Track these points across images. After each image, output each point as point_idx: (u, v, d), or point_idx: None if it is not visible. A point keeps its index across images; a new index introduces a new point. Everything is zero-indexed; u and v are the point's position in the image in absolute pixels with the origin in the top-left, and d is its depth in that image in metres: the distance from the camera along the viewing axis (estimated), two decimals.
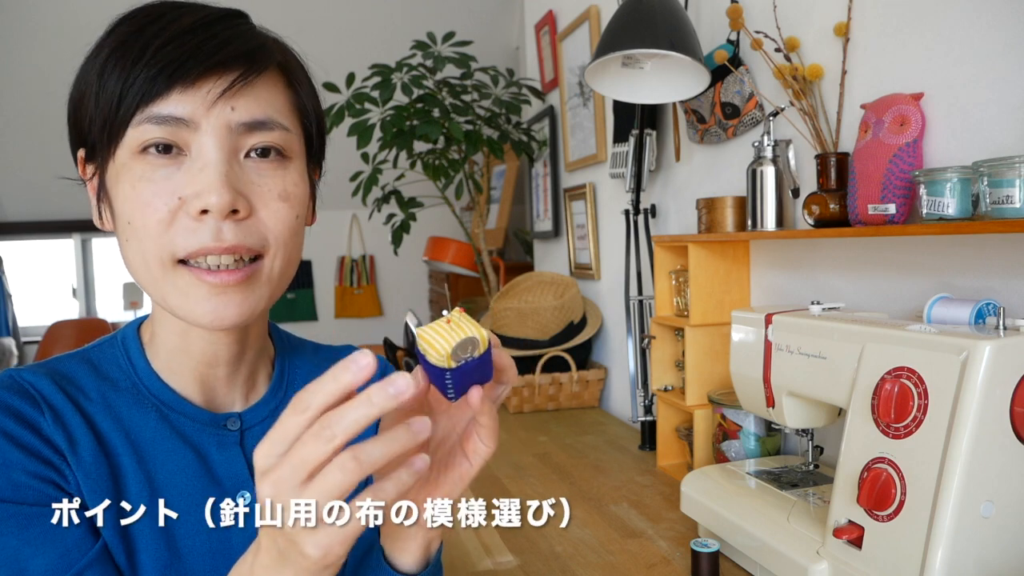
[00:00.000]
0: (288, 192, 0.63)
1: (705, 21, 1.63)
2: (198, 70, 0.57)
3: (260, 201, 0.61)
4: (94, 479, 0.61)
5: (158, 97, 0.57)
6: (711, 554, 1.03)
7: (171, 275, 0.60)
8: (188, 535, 0.65)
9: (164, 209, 0.58)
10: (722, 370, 1.49)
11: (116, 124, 0.58)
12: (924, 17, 1.08)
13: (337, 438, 0.45)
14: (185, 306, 0.61)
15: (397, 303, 5.04)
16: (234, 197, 0.58)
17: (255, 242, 0.61)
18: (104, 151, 0.60)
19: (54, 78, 3.80)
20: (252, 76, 0.60)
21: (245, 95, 0.60)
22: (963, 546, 0.76)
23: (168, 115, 0.57)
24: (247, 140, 0.60)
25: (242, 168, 0.60)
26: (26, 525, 0.57)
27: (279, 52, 0.65)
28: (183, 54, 0.57)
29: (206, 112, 0.58)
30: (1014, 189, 0.85)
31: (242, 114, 0.60)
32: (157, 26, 0.59)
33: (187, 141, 0.59)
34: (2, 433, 0.58)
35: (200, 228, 0.58)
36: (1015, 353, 0.77)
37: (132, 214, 0.59)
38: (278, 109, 0.62)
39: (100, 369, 0.67)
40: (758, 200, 1.33)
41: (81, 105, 0.61)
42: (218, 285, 0.60)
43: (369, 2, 3.95)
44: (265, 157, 0.62)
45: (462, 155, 2.50)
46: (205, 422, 0.68)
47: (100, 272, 4.98)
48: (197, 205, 0.58)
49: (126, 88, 0.57)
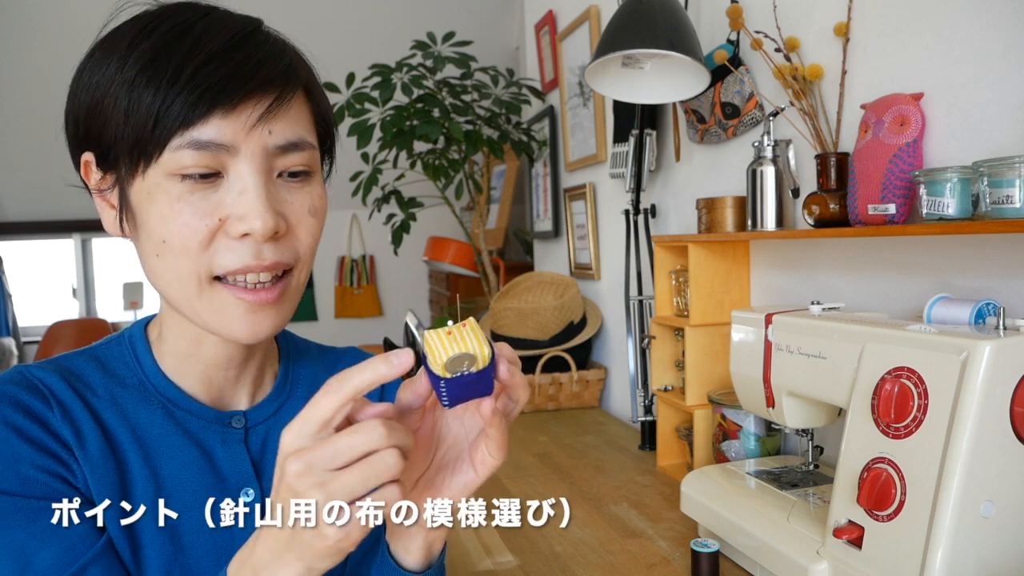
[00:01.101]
0: (316, 207, 0.64)
1: (705, 21, 1.63)
2: (238, 94, 0.57)
3: (294, 218, 0.63)
4: (101, 474, 0.62)
5: (198, 121, 0.57)
6: (711, 554, 1.03)
7: (208, 292, 0.61)
8: (192, 531, 0.66)
9: (205, 230, 0.59)
10: (722, 370, 1.49)
11: (151, 145, 0.57)
12: (924, 17, 1.08)
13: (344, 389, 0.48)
14: (221, 322, 0.62)
15: (397, 303, 5.04)
16: (276, 221, 0.59)
17: (290, 257, 0.63)
18: (131, 166, 0.59)
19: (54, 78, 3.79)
20: (288, 98, 0.61)
21: (280, 118, 0.60)
22: (963, 546, 0.76)
23: (209, 141, 0.57)
24: (281, 161, 0.61)
25: (275, 187, 0.61)
26: (33, 519, 0.58)
27: (302, 67, 0.65)
28: (222, 77, 0.57)
29: (245, 137, 0.58)
30: (1014, 189, 0.85)
31: (278, 138, 0.60)
32: (187, 42, 0.58)
33: (225, 164, 0.59)
34: (11, 427, 0.59)
35: (240, 248, 0.59)
36: (1015, 353, 0.77)
37: (169, 234, 0.59)
38: (306, 127, 0.63)
39: (107, 366, 0.68)
40: (758, 200, 1.33)
41: (99, 114, 0.59)
42: (256, 303, 0.61)
43: (369, 2, 3.95)
44: (295, 177, 0.63)
45: (462, 155, 2.50)
46: (210, 420, 0.69)
47: (100, 272, 4.98)
48: (240, 228, 0.58)
49: (163, 110, 0.56)
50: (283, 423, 0.72)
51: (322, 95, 0.68)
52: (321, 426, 0.49)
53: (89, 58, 0.61)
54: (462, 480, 0.58)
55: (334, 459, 0.48)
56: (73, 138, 0.63)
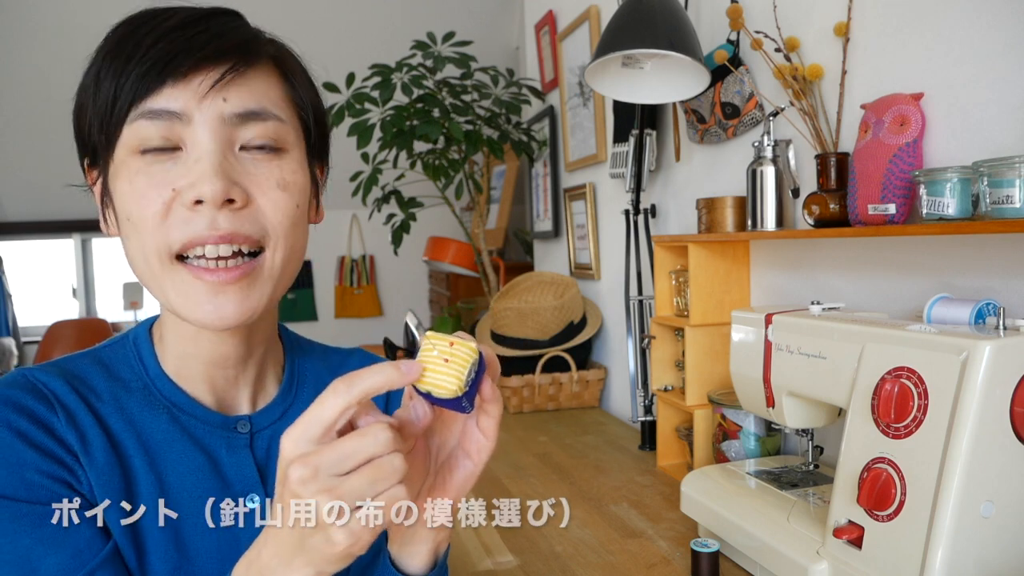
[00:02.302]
0: (287, 180, 0.62)
1: (705, 21, 1.63)
2: (189, 63, 0.58)
3: (258, 190, 0.61)
4: (106, 479, 0.62)
5: (150, 93, 0.58)
6: (711, 554, 1.03)
7: (170, 272, 0.60)
8: (197, 536, 0.65)
9: (159, 201, 0.58)
10: (722, 370, 1.49)
11: (112, 123, 0.59)
12: (924, 17, 1.08)
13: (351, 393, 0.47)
14: (186, 305, 0.61)
15: (397, 303, 5.04)
16: (228, 186, 0.58)
17: (253, 231, 0.60)
18: (104, 153, 0.60)
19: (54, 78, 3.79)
20: (243, 67, 0.60)
21: (237, 86, 0.60)
22: (963, 546, 0.76)
23: (161, 109, 0.58)
24: (241, 132, 0.60)
25: (238, 159, 0.60)
26: (39, 524, 0.57)
27: (272, 46, 0.65)
28: (174, 49, 0.58)
29: (198, 104, 0.58)
30: (1014, 189, 0.85)
31: (235, 105, 0.60)
32: (149, 26, 0.59)
33: (182, 136, 0.59)
34: (16, 432, 0.58)
35: (194, 218, 0.58)
36: (1015, 353, 0.77)
37: (130, 209, 0.59)
38: (272, 100, 0.62)
39: (112, 369, 0.67)
40: (758, 200, 1.33)
41: (82, 113, 0.61)
42: (217, 283, 0.60)
43: (369, 2, 3.95)
44: (261, 150, 0.62)
45: (462, 155, 2.50)
46: (216, 424, 0.68)
47: (100, 272, 4.98)
48: (191, 195, 0.58)
49: (120, 87, 0.58)
50: (289, 426, 0.72)
51: (302, 82, 0.67)
52: (325, 429, 0.47)
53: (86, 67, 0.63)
54: (462, 474, 0.57)
55: (341, 464, 0.46)
56: (77, 145, 0.64)
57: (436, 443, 0.59)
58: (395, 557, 0.61)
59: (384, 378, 0.48)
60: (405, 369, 0.49)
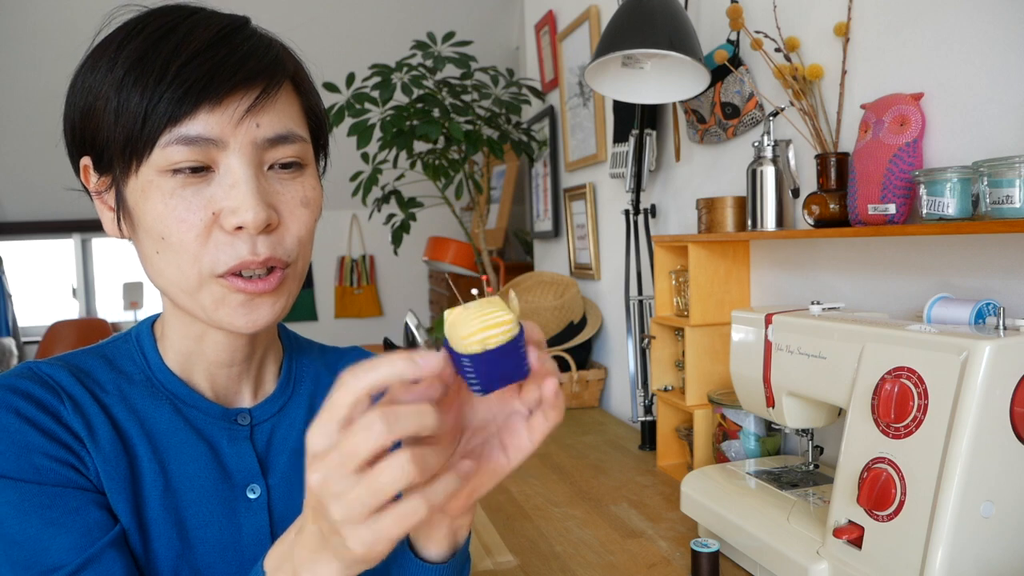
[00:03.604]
0: (308, 198, 0.65)
1: (705, 21, 1.63)
2: (224, 88, 0.58)
3: (286, 209, 0.63)
4: (112, 467, 0.63)
5: (185, 117, 0.58)
6: (711, 554, 1.03)
7: (208, 286, 0.62)
8: (200, 526, 0.67)
9: (200, 224, 0.59)
10: (722, 370, 1.49)
11: (141, 143, 0.58)
12: (924, 17, 1.08)
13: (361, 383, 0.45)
14: (219, 313, 0.62)
15: (397, 303, 5.05)
16: (268, 213, 0.60)
17: (283, 253, 0.63)
18: (124, 167, 0.60)
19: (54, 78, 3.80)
20: (274, 91, 0.61)
21: (268, 110, 0.61)
22: (963, 546, 0.76)
23: (197, 136, 0.58)
24: (271, 154, 0.62)
25: (267, 180, 0.62)
26: (49, 505, 0.59)
27: (291, 61, 0.66)
28: (207, 73, 0.58)
29: (233, 130, 0.59)
30: (1014, 189, 0.85)
31: (267, 130, 0.61)
32: (173, 41, 0.59)
33: (215, 159, 0.59)
34: (24, 418, 0.60)
35: (236, 242, 0.60)
36: (1015, 353, 0.77)
37: (167, 230, 0.60)
38: (295, 120, 0.64)
39: (115, 363, 0.69)
40: (758, 200, 1.33)
41: (91, 117, 0.61)
42: (254, 293, 0.62)
43: (369, 2, 3.95)
44: (286, 169, 0.63)
45: (462, 155, 2.50)
46: (217, 416, 0.70)
47: (100, 272, 4.98)
48: (233, 221, 0.59)
49: (151, 107, 0.57)
50: (287, 420, 0.74)
51: (311, 89, 0.68)
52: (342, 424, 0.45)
53: (82, 65, 0.62)
54: (491, 467, 0.55)
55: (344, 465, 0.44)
56: (71, 144, 0.64)
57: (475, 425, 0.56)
58: (412, 542, 0.61)
59: (393, 371, 0.45)
60: (422, 362, 0.46)
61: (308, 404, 0.76)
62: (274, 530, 0.70)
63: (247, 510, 0.69)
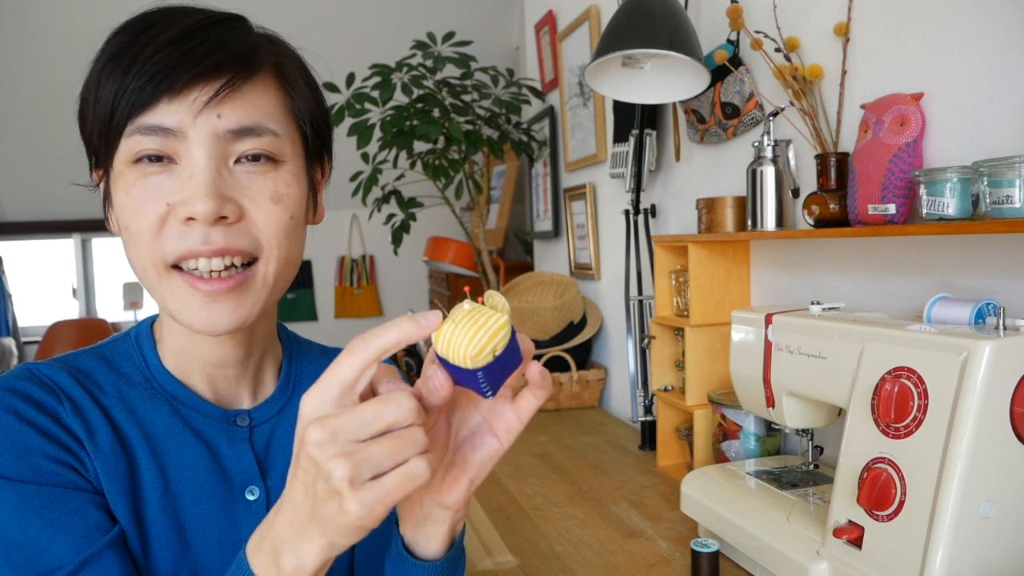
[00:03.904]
0: (280, 193, 0.63)
1: (705, 21, 1.63)
2: (185, 78, 0.58)
3: (252, 203, 0.61)
4: (112, 468, 0.63)
5: (147, 107, 0.58)
6: (711, 554, 1.03)
7: (166, 280, 0.61)
8: (199, 527, 0.67)
9: (154, 215, 0.59)
10: (722, 370, 1.49)
11: (111, 134, 0.59)
12: (924, 17, 1.08)
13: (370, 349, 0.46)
14: (181, 311, 0.62)
15: (397, 303, 5.05)
16: (220, 204, 0.59)
17: (246, 244, 0.61)
18: (105, 158, 0.61)
19: (54, 78, 3.80)
20: (239, 82, 0.60)
21: (232, 102, 0.60)
22: (963, 546, 0.76)
23: (156, 125, 0.58)
24: (236, 146, 0.61)
25: (232, 173, 0.61)
26: (48, 506, 0.59)
27: (273, 54, 0.64)
28: (171, 63, 0.58)
29: (193, 121, 0.59)
30: (1014, 189, 0.85)
31: (229, 121, 0.60)
32: (150, 34, 0.59)
33: (176, 150, 0.59)
34: (23, 420, 0.60)
35: (188, 233, 0.59)
36: (1015, 353, 0.77)
37: (128, 220, 0.60)
38: (268, 114, 0.62)
39: (114, 365, 0.69)
40: (758, 200, 1.33)
41: (84, 114, 0.62)
42: (211, 293, 0.61)
43: (369, 2, 3.95)
44: (256, 162, 0.62)
45: (462, 155, 2.50)
46: (216, 418, 0.70)
47: (100, 272, 4.98)
48: (184, 212, 0.59)
49: (118, 98, 0.58)
50: (286, 421, 0.73)
51: (302, 87, 0.66)
52: (344, 390, 0.46)
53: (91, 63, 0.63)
54: (485, 452, 0.56)
55: (360, 429, 0.44)
56: (84, 143, 0.65)
57: (458, 418, 0.57)
58: (409, 542, 0.60)
59: (401, 333, 0.46)
60: (424, 322, 0.47)
61: None
62: None
63: (246, 512, 0.69)
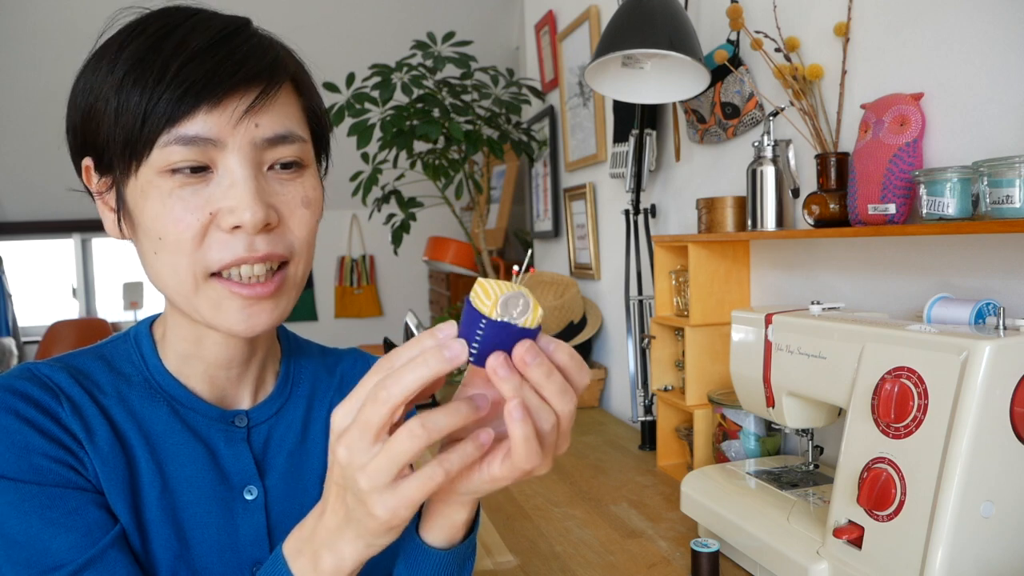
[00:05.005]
0: (309, 198, 0.65)
1: (705, 21, 1.63)
2: (223, 89, 0.58)
3: (286, 209, 0.63)
4: (111, 468, 0.63)
5: (183, 117, 0.58)
6: (711, 554, 1.03)
7: (204, 288, 0.62)
8: (197, 527, 0.67)
9: (197, 224, 0.59)
10: (722, 370, 1.49)
11: (141, 144, 0.59)
12: (924, 17, 1.08)
13: (394, 398, 0.47)
14: (218, 317, 0.63)
15: (397, 303, 5.05)
16: (266, 212, 0.60)
17: (283, 249, 0.63)
18: (124, 167, 0.60)
19: (54, 78, 3.79)
20: (273, 91, 0.61)
21: (267, 111, 0.61)
22: (963, 546, 0.76)
23: (196, 136, 0.58)
24: (270, 154, 0.62)
25: (266, 180, 0.62)
26: (49, 505, 0.59)
27: (290, 62, 0.66)
28: (206, 73, 0.58)
29: (232, 130, 0.59)
30: (1014, 189, 0.85)
31: (265, 130, 0.61)
32: (173, 41, 0.59)
33: (213, 159, 0.60)
34: (23, 419, 0.60)
35: (233, 241, 0.60)
36: (1015, 353, 0.77)
37: (164, 230, 0.60)
38: (295, 120, 0.64)
39: (113, 364, 0.69)
40: (758, 200, 1.33)
41: (92, 117, 0.61)
42: (251, 297, 0.62)
43: (369, 2, 3.95)
44: (287, 169, 0.63)
45: (462, 155, 2.50)
46: (214, 418, 0.70)
47: (100, 272, 4.98)
48: (231, 221, 0.59)
49: (150, 108, 0.58)
50: (285, 421, 0.74)
51: (312, 90, 0.68)
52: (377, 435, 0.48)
53: (84, 66, 0.62)
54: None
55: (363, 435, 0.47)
56: (73, 145, 0.65)
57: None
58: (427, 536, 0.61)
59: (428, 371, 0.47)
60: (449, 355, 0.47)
61: (306, 405, 0.76)
62: (271, 531, 0.70)
63: (244, 511, 0.69)
